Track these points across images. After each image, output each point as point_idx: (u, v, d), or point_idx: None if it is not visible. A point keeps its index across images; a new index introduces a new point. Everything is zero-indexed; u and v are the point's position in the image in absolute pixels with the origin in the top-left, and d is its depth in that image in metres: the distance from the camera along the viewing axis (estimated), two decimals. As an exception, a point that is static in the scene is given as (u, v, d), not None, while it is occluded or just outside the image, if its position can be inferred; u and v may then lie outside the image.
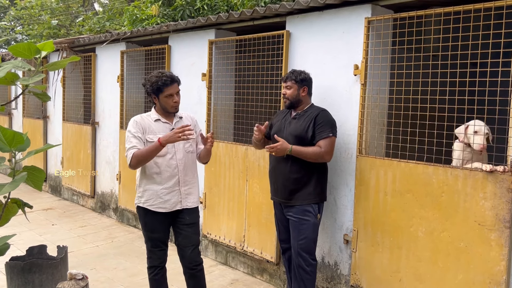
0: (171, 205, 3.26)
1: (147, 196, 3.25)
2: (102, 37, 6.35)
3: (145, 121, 3.27)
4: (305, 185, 3.35)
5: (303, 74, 3.45)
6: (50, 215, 6.66)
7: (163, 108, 3.29)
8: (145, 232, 3.35)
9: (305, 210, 3.35)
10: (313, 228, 3.38)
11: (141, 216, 3.34)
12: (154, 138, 3.18)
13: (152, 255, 3.34)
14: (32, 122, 8.55)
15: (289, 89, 3.43)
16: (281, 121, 3.56)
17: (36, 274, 3.33)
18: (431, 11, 3.04)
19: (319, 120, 3.31)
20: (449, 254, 2.99)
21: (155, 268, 3.34)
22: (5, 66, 1.57)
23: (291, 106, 3.48)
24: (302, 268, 3.36)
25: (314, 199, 3.37)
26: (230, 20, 4.51)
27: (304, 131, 3.33)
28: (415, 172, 3.15)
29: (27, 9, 16.58)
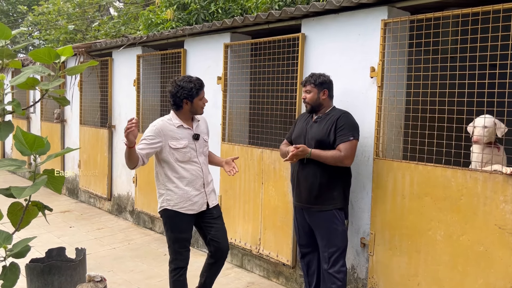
0: (198, 207, 3.41)
1: (176, 199, 3.34)
2: (119, 42, 6.42)
3: (168, 127, 3.34)
4: (329, 190, 3.28)
5: (322, 77, 3.39)
6: (68, 217, 6.75)
7: (192, 111, 3.41)
8: (172, 234, 3.38)
9: (331, 216, 3.27)
10: (342, 236, 3.30)
11: (169, 218, 3.38)
12: (177, 144, 3.32)
13: (179, 256, 3.40)
14: (50, 126, 8.67)
15: (308, 93, 3.39)
16: (302, 124, 3.51)
17: (55, 276, 3.38)
18: (448, 12, 3.01)
19: (340, 124, 3.24)
20: (468, 258, 2.95)
21: (180, 269, 3.42)
22: (26, 71, 1.60)
23: (312, 110, 3.43)
24: (334, 276, 3.27)
25: (339, 205, 3.29)
26: (245, 23, 4.53)
27: (325, 135, 3.27)
28: (433, 175, 3.12)
29: (45, 15, 16.85)
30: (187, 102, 3.35)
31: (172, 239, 3.39)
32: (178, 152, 3.33)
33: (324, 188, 3.28)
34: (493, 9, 2.80)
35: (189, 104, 3.36)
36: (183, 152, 3.35)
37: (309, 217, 3.41)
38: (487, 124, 3.03)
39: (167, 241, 3.45)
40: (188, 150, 3.37)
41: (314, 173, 3.30)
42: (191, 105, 3.37)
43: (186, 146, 3.36)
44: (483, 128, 3.02)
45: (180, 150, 3.34)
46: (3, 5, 25.70)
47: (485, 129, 3.03)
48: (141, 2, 16.42)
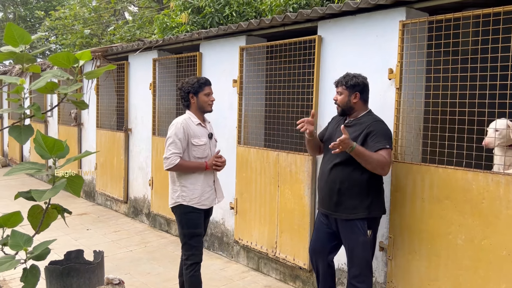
0: (210, 202, 3.58)
1: (191, 195, 3.47)
2: (135, 46, 6.47)
3: (190, 126, 3.51)
4: (350, 197, 3.11)
5: (355, 78, 3.18)
6: (85, 220, 6.81)
7: (200, 107, 3.57)
8: (188, 229, 3.47)
9: (352, 226, 3.12)
10: (363, 247, 3.11)
11: (184, 213, 3.48)
12: (199, 141, 3.51)
13: (195, 251, 3.49)
14: (67, 129, 8.77)
15: (340, 95, 3.21)
16: (333, 127, 3.37)
17: (74, 278, 3.40)
18: (469, 13, 2.96)
19: (373, 131, 3.04)
20: (490, 263, 2.89)
21: (196, 265, 3.51)
22: (45, 76, 1.60)
23: (343, 113, 3.26)
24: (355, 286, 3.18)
25: (360, 214, 3.09)
26: (261, 26, 4.52)
27: (353, 139, 3.03)
28: (453, 178, 3.07)
29: (61, 20, 17.08)
30: (193, 96, 3.54)
31: (187, 235, 3.47)
32: (198, 149, 3.51)
33: (345, 195, 3.12)
34: (515, 8, 2.74)
35: (195, 98, 3.54)
36: (202, 149, 3.53)
37: (334, 225, 3.27)
38: (499, 127, 2.97)
39: (182, 238, 3.53)
40: (206, 147, 3.56)
41: (337, 179, 3.15)
42: (197, 100, 3.53)
43: (206, 143, 3.56)
44: (495, 130, 2.96)
45: (200, 147, 3.52)
46: (20, 11, 26.15)
47: (496, 132, 2.98)
48: (155, 6, 16.55)
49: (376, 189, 3.17)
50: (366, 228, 3.11)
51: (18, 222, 1.56)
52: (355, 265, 3.15)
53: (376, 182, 3.14)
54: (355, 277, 3.16)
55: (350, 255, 3.17)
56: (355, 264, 3.15)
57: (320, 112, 4.07)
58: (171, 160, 3.40)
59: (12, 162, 11.81)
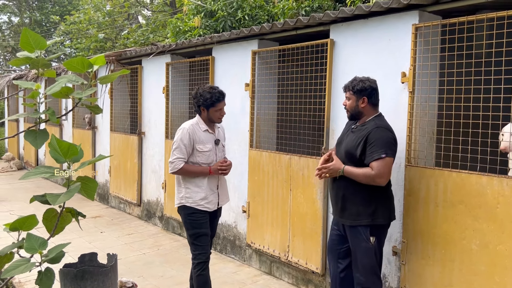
0: (213, 205, 3.68)
1: (195, 197, 3.60)
2: (148, 50, 6.53)
3: (196, 132, 3.62)
4: (353, 204, 3.12)
5: (361, 83, 3.14)
6: (99, 222, 6.87)
7: (209, 119, 3.68)
8: (193, 230, 3.59)
9: (355, 232, 3.13)
10: (366, 253, 3.10)
11: (188, 214, 3.60)
12: (203, 148, 3.63)
13: (202, 250, 3.58)
14: (81, 133, 8.87)
15: (348, 100, 3.21)
16: (344, 131, 3.38)
17: (88, 281, 3.43)
18: (483, 16, 2.93)
19: (370, 140, 3.01)
20: (506, 268, 2.85)
21: (203, 264, 3.60)
22: (60, 81, 1.63)
23: (351, 117, 3.26)
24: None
25: (364, 221, 3.08)
26: (273, 30, 4.53)
27: (354, 148, 3.09)
28: (467, 182, 3.04)
29: (76, 24, 17.29)
30: (203, 109, 3.63)
31: (193, 235, 3.59)
32: (203, 155, 3.62)
33: (349, 201, 3.14)
34: (530, 11, 2.71)
35: (205, 111, 3.64)
36: (207, 155, 3.64)
37: (342, 229, 3.31)
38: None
39: (188, 239, 3.65)
40: (211, 153, 3.67)
41: (342, 185, 3.17)
42: (207, 113, 3.64)
43: (210, 150, 3.66)
44: (510, 134, 2.93)
45: (205, 153, 3.63)
46: (36, 16, 26.55)
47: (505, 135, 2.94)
48: (169, 10, 16.68)
49: (381, 197, 3.12)
50: (368, 235, 3.08)
51: (34, 225, 1.58)
52: (359, 271, 3.16)
53: (381, 189, 3.10)
54: (360, 283, 3.16)
55: (355, 261, 3.20)
56: (360, 270, 3.16)
57: (332, 116, 4.06)
58: (175, 164, 3.55)
59: (27, 165, 11.98)
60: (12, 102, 13.30)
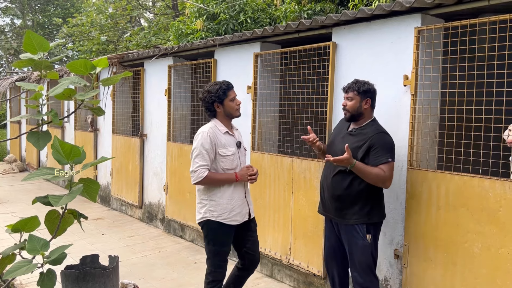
0: (242, 217, 3.37)
1: (220, 210, 3.27)
2: (151, 52, 6.54)
3: (217, 135, 3.29)
4: (351, 204, 3.16)
5: (366, 85, 3.20)
6: (100, 224, 6.87)
7: (227, 114, 3.38)
8: (214, 247, 3.32)
9: (352, 230, 3.17)
10: (363, 251, 3.14)
11: (212, 230, 3.30)
12: (227, 152, 3.30)
13: (218, 269, 3.34)
14: (83, 135, 8.89)
15: (350, 100, 3.20)
16: (337, 131, 3.42)
17: (89, 283, 3.43)
18: (485, 19, 2.94)
19: (375, 144, 3.07)
20: (508, 272, 2.84)
21: (218, 282, 3.35)
22: (63, 83, 1.63)
23: (351, 119, 3.26)
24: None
25: (360, 220, 3.14)
26: (275, 33, 4.54)
27: (354, 150, 3.11)
28: (469, 185, 3.03)
29: (78, 27, 17.35)
30: (218, 105, 3.34)
31: (212, 252, 3.33)
32: (226, 160, 3.30)
33: (347, 201, 3.17)
34: (532, 14, 2.71)
35: (220, 107, 3.34)
36: (231, 159, 3.32)
37: (336, 228, 3.35)
38: None
39: (207, 253, 3.39)
40: (235, 157, 3.35)
41: (338, 185, 3.19)
42: (223, 108, 3.34)
43: (234, 153, 3.34)
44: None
45: (229, 157, 3.30)
46: (39, 18, 26.65)
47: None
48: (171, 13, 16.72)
49: (376, 196, 3.21)
50: (365, 233, 3.15)
51: (36, 226, 1.58)
52: (357, 269, 3.19)
53: (376, 189, 3.18)
54: (359, 283, 3.18)
55: (352, 260, 3.22)
56: (357, 269, 3.18)
57: (334, 118, 4.06)
58: (198, 173, 3.19)
59: (29, 166, 12.00)
60: (15, 104, 13.33)
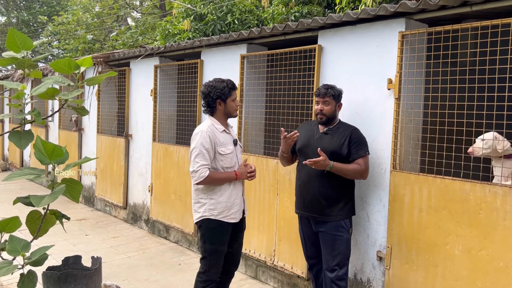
0: (239, 214, 3.39)
1: (220, 208, 3.27)
2: (137, 52, 6.50)
3: (215, 133, 3.28)
4: (339, 201, 3.34)
5: (337, 89, 3.44)
6: (84, 225, 6.80)
7: (227, 113, 3.38)
8: (211, 246, 3.29)
9: (338, 226, 3.34)
10: (346, 244, 3.37)
11: (210, 229, 3.28)
12: (226, 150, 3.30)
13: (213, 269, 3.32)
14: (67, 134, 8.79)
15: (327, 105, 3.37)
16: (308, 134, 3.52)
17: (71, 284, 3.40)
18: (467, 25, 2.99)
19: (354, 139, 3.31)
20: (488, 274, 2.89)
21: (212, 282, 3.33)
22: (46, 82, 1.62)
23: (327, 122, 3.41)
24: (336, 284, 3.32)
25: (346, 215, 3.37)
26: (262, 34, 4.55)
27: (339, 147, 3.31)
28: (451, 188, 3.08)
29: (64, 25, 17.17)
30: (220, 102, 3.32)
31: (209, 251, 3.30)
32: (226, 158, 3.30)
33: (333, 199, 3.34)
34: (513, 21, 2.77)
35: (222, 105, 3.33)
36: (230, 157, 3.33)
37: (315, 226, 3.45)
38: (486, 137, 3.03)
39: (202, 252, 3.36)
40: (233, 155, 3.36)
41: (324, 185, 3.34)
42: (225, 106, 3.34)
43: (232, 151, 3.36)
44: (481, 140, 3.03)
45: (228, 155, 3.31)
46: (23, 15, 26.29)
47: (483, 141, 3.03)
48: (158, 12, 16.65)
49: (353, 191, 3.48)
50: (349, 226, 3.38)
51: (17, 227, 1.56)
52: (337, 263, 3.32)
53: (353, 185, 3.47)
54: (338, 275, 3.32)
55: (333, 254, 3.33)
56: (338, 262, 3.32)
57: (320, 121, 4.08)
58: (200, 173, 3.16)
59: (12, 166, 11.83)
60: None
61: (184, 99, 5.98)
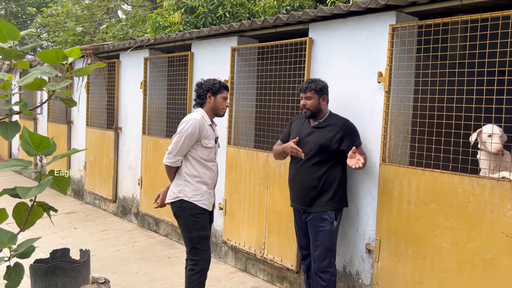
0: (210, 204, 3.50)
1: (193, 191, 3.38)
2: (126, 44, 6.45)
3: (204, 125, 3.40)
4: (325, 193, 3.38)
5: (321, 83, 3.45)
6: (73, 218, 6.76)
7: (214, 109, 3.48)
8: (197, 232, 3.36)
9: (321, 218, 3.37)
10: (329, 235, 3.37)
11: (192, 215, 3.35)
12: (209, 143, 3.42)
13: (205, 255, 3.39)
14: (56, 127, 8.71)
15: (309, 100, 3.41)
16: (299, 128, 3.56)
17: (59, 277, 3.38)
18: (457, 18, 3.00)
19: (348, 131, 3.35)
20: (475, 266, 2.92)
21: (205, 271, 3.41)
22: (33, 72, 1.60)
23: (312, 116, 3.46)
24: (318, 275, 3.38)
25: (332, 206, 3.38)
26: (252, 27, 4.53)
27: (329, 140, 3.35)
28: (440, 181, 3.10)
29: (53, 17, 16.97)
30: (211, 96, 3.44)
31: (195, 238, 3.35)
32: (205, 151, 3.41)
33: (321, 191, 3.38)
34: (502, 15, 2.78)
35: (212, 99, 3.44)
36: (208, 151, 3.44)
37: (304, 217, 3.51)
38: (499, 132, 3.02)
39: (188, 243, 3.39)
40: (212, 151, 3.48)
41: (311, 177, 3.38)
42: (214, 101, 3.45)
43: (213, 147, 3.47)
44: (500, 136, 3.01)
45: (208, 149, 3.43)
46: (12, 7, 25.93)
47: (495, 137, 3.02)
48: (149, 5, 16.51)
49: (344, 183, 3.50)
50: (333, 218, 3.39)
51: (3, 219, 1.55)
52: (320, 254, 3.36)
53: (345, 177, 3.50)
54: (320, 266, 3.36)
55: (316, 245, 3.38)
56: (320, 253, 3.36)
57: (310, 114, 4.09)
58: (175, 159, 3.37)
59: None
60: (-15, 94, 12.97)
61: (174, 92, 5.95)
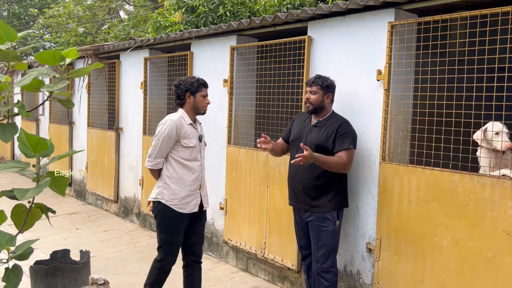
0: (191, 207, 3.44)
1: (178, 199, 3.38)
2: (126, 44, 6.45)
3: (183, 125, 3.39)
4: (326, 192, 3.34)
5: (329, 80, 3.42)
6: (75, 219, 6.77)
7: (195, 108, 3.47)
8: (166, 235, 3.41)
9: (324, 217, 3.34)
10: (332, 235, 3.36)
11: (166, 218, 3.39)
12: (189, 143, 3.40)
13: (169, 258, 3.45)
14: (58, 128, 8.72)
15: (313, 94, 3.39)
16: (300, 126, 3.54)
17: (59, 278, 3.38)
18: (456, 15, 2.97)
19: (341, 131, 3.29)
20: (476, 265, 2.90)
21: (166, 271, 3.49)
22: (31, 73, 1.59)
23: (313, 111, 3.43)
24: (321, 276, 3.35)
25: (334, 206, 3.35)
26: (251, 26, 4.52)
27: (325, 140, 3.32)
28: (440, 179, 3.08)
29: (55, 18, 16.99)
30: (190, 95, 3.44)
31: (165, 240, 3.42)
32: (186, 150, 3.40)
33: (321, 190, 3.35)
34: (501, 11, 2.76)
35: (191, 98, 3.44)
36: (190, 151, 3.42)
37: (304, 216, 3.48)
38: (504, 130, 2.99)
39: (159, 240, 3.46)
40: (195, 150, 3.45)
41: (312, 176, 3.36)
42: (194, 100, 3.44)
43: (195, 146, 3.44)
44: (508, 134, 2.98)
45: (189, 148, 3.41)
46: (14, 8, 25.99)
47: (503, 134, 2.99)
48: (150, 5, 16.51)
49: (344, 184, 3.45)
50: (336, 218, 3.37)
51: (2, 221, 1.54)
52: (322, 254, 3.33)
53: (344, 177, 3.44)
54: (322, 266, 3.34)
55: (318, 245, 3.35)
56: (322, 253, 3.33)
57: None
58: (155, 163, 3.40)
59: (2, 160, 11.74)
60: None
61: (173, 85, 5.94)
